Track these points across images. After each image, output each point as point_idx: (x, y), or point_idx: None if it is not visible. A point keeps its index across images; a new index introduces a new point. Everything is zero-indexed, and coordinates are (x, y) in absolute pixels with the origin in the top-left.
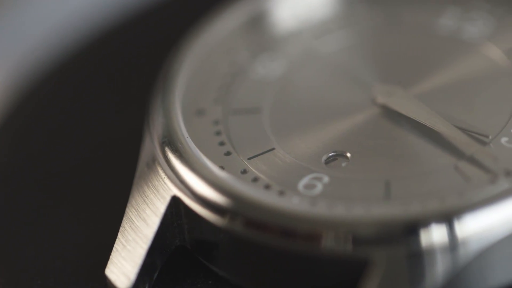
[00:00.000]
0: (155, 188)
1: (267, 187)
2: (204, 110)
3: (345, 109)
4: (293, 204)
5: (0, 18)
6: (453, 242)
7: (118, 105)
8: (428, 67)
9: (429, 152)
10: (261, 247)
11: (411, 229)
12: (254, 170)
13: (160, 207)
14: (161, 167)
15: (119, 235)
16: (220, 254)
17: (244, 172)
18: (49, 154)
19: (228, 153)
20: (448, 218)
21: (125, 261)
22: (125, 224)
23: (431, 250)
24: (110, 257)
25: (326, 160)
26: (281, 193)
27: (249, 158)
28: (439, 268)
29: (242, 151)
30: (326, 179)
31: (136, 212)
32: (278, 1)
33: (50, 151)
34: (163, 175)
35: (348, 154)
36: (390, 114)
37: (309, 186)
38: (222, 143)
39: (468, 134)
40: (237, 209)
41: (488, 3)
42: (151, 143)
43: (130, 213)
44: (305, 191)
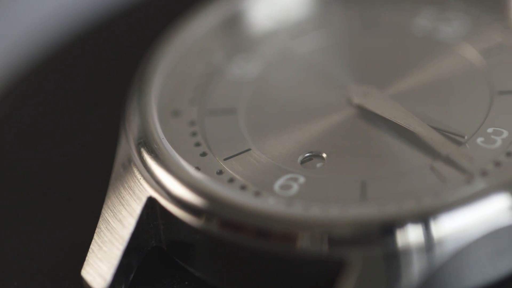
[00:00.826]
0: (131, 189)
1: (243, 187)
2: (180, 111)
3: (321, 110)
4: (269, 204)
5: None
6: (429, 242)
7: (94, 106)
8: (404, 68)
9: (405, 152)
10: (237, 247)
11: (387, 229)
12: (230, 171)
13: (136, 208)
14: (137, 168)
15: (95, 236)
16: (196, 255)
17: (220, 173)
18: (25, 154)
19: (204, 154)
20: (424, 218)
21: (101, 262)
22: (101, 225)
23: (407, 251)
24: (86, 258)
25: (302, 160)
26: (257, 194)
27: (225, 159)
28: (415, 268)
29: (218, 151)
30: (302, 179)
31: (112, 213)
32: (254, 2)
33: (26, 151)
34: (139, 176)
35: (324, 155)
36: (366, 115)
37: (285, 187)
38: (198, 144)
39: (444, 135)
40: (213, 210)
41: (464, 3)
42: (127, 144)
43: (106, 214)
44: (281, 192)
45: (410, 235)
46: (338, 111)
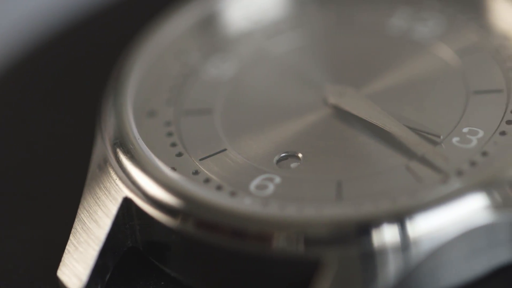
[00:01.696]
0: (107, 190)
1: (218, 188)
2: (155, 111)
3: (297, 110)
4: (244, 204)
5: None
6: (405, 242)
7: (69, 106)
8: (380, 67)
9: (380, 152)
10: (213, 248)
11: (363, 229)
12: (205, 171)
13: (112, 208)
14: (113, 168)
15: (71, 237)
16: (172, 255)
17: (196, 173)
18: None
19: (179, 154)
20: (399, 218)
21: (77, 262)
22: (77, 225)
23: (383, 250)
24: (62, 258)
25: (278, 160)
26: (233, 194)
27: (201, 159)
28: (391, 268)
29: (194, 152)
30: (277, 179)
31: (88, 214)
32: (230, 2)
33: (1, 151)
34: (115, 177)
35: (300, 155)
36: (342, 115)
37: (261, 187)
38: (173, 144)
39: (420, 134)
40: (189, 210)
41: (439, 3)
42: (103, 145)
43: (82, 214)
44: (257, 192)
45: (386, 235)
46: (314, 111)
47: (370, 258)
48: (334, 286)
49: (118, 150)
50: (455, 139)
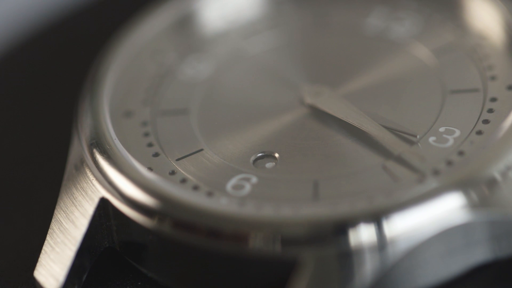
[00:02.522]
0: (84, 190)
1: (195, 188)
2: (132, 111)
3: (274, 110)
4: (221, 205)
5: None
6: (381, 241)
7: (46, 107)
8: (356, 67)
9: (357, 152)
10: (190, 248)
11: (339, 229)
12: (182, 171)
13: (89, 209)
14: (89, 169)
15: (47, 237)
16: (149, 255)
17: (173, 173)
18: None
19: (156, 154)
20: (376, 218)
21: (54, 263)
22: (54, 226)
23: (360, 250)
24: (39, 259)
25: (254, 160)
26: (210, 194)
27: (178, 159)
28: (368, 268)
29: (171, 152)
30: (254, 179)
31: (64, 214)
32: (206, 2)
33: None
34: (92, 177)
35: (276, 155)
36: (318, 114)
37: (238, 187)
38: (150, 145)
39: (396, 134)
40: (166, 210)
41: (416, 2)
42: (79, 145)
43: (59, 215)
44: (234, 192)
45: (363, 235)
46: (290, 111)
47: (347, 257)
48: (311, 286)
49: (95, 150)
50: (431, 139)
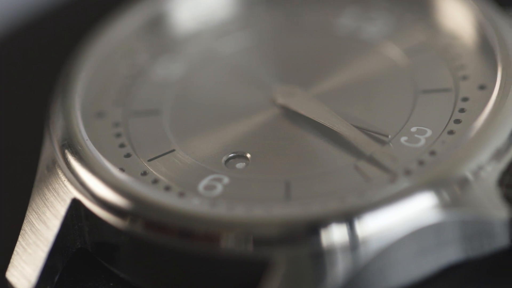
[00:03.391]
0: (56, 191)
1: (167, 188)
2: (104, 112)
3: (246, 110)
4: (193, 205)
5: None
6: (353, 241)
7: (18, 108)
8: (329, 67)
9: (329, 152)
10: (162, 248)
11: (311, 229)
12: (154, 172)
13: (61, 209)
14: (61, 169)
15: (19, 238)
16: (121, 256)
17: (144, 174)
18: None
19: (128, 155)
20: (348, 218)
21: (26, 264)
22: (26, 227)
23: (332, 250)
24: (11, 260)
25: (226, 161)
26: (181, 195)
27: (149, 160)
28: (341, 268)
29: (142, 153)
30: (226, 180)
31: (36, 215)
32: (178, 3)
33: None
34: (63, 178)
35: (248, 155)
36: (290, 115)
37: (209, 187)
38: (122, 145)
39: (368, 134)
40: (137, 211)
41: (387, 2)
42: (51, 146)
43: (31, 216)
44: (205, 192)
45: (335, 235)
46: (262, 111)
47: (319, 257)
48: (283, 286)
49: (67, 151)
50: (403, 139)
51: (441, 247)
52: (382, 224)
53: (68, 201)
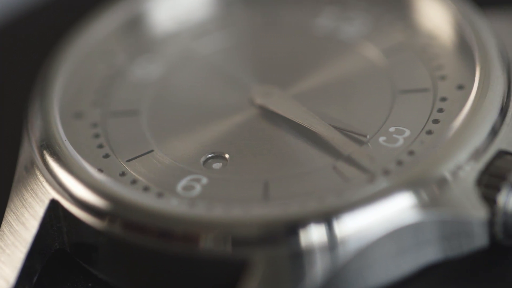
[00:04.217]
0: (34, 192)
1: (145, 189)
2: (82, 113)
3: (224, 111)
4: (171, 205)
5: None
6: (332, 241)
7: None
8: (307, 67)
9: (307, 152)
10: (140, 249)
11: (290, 229)
12: (132, 173)
13: (39, 210)
14: (40, 170)
15: None
16: (99, 256)
17: (123, 174)
18: None
19: (106, 156)
20: (326, 218)
21: (4, 265)
22: (4, 228)
23: (311, 250)
24: None
25: (205, 161)
26: (160, 195)
27: (128, 160)
28: (319, 268)
29: (121, 153)
30: (204, 180)
31: (15, 216)
32: (156, 3)
33: None
34: (42, 179)
35: (227, 155)
36: (268, 115)
37: (188, 188)
38: (100, 146)
39: (346, 134)
40: (116, 211)
41: (365, 2)
42: (30, 147)
43: (9, 217)
44: (184, 193)
45: (313, 235)
46: (240, 111)
47: (298, 258)
48: (262, 286)
49: (45, 152)
50: (381, 139)
51: (420, 247)
52: (361, 224)
53: (46, 202)
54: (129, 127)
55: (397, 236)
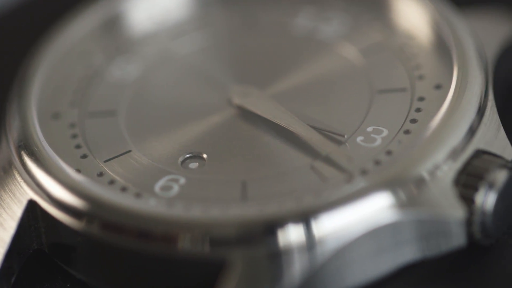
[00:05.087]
0: (12, 192)
1: (123, 189)
2: (60, 113)
3: (202, 111)
4: (149, 206)
5: None
6: (310, 241)
7: None
8: (285, 67)
9: (285, 152)
10: (118, 249)
11: (268, 229)
12: (110, 173)
13: (17, 211)
14: (18, 171)
15: None
16: (77, 257)
17: (101, 174)
18: None
19: (84, 156)
20: (304, 218)
21: None
22: None
23: (289, 250)
24: None
25: (183, 161)
26: (138, 195)
27: (106, 161)
28: (297, 268)
29: (99, 153)
30: (182, 180)
31: None
32: (134, 3)
33: None
34: (20, 179)
35: (205, 155)
36: (247, 115)
37: (166, 188)
38: (78, 146)
39: (324, 134)
40: (94, 212)
41: (344, 1)
42: (7, 147)
43: None
44: (162, 193)
45: (292, 235)
46: (218, 111)
47: (276, 257)
48: (240, 286)
49: (23, 152)
50: (359, 138)
51: (398, 247)
52: (339, 224)
53: (24, 202)
54: (107, 127)
55: (375, 236)
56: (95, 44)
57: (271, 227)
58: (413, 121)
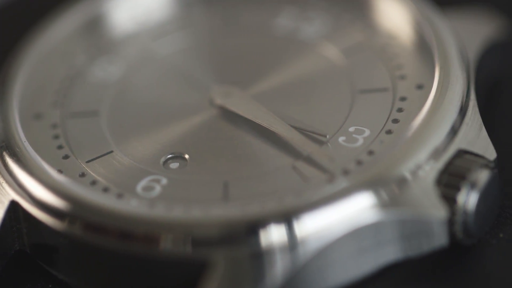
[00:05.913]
0: None
1: (105, 190)
2: (42, 114)
3: (184, 111)
4: (131, 206)
5: None
6: (292, 241)
7: None
8: (266, 68)
9: (267, 152)
10: (100, 250)
11: (250, 229)
12: (92, 173)
13: None
14: None
15: None
16: (60, 257)
17: (83, 175)
18: None
19: (66, 157)
20: (286, 218)
21: None
22: None
23: (271, 250)
24: None
25: (164, 162)
26: (120, 196)
27: (88, 161)
28: (279, 268)
29: (81, 154)
30: (164, 181)
31: None
32: (115, 4)
33: None
34: (1, 180)
35: (186, 156)
36: (228, 115)
37: (148, 188)
38: (60, 147)
39: (306, 134)
40: (76, 212)
41: (325, 1)
42: None
43: None
44: (144, 193)
45: (273, 235)
46: (200, 112)
47: (258, 258)
48: (222, 287)
49: (4, 153)
50: (341, 139)
51: (380, 247)
52: (321, 224)
53: (6, 203)
54: (89, 128)
55: (357, 236)
56: (77, 45)
57: (253, 227)
58: (395, 121)
